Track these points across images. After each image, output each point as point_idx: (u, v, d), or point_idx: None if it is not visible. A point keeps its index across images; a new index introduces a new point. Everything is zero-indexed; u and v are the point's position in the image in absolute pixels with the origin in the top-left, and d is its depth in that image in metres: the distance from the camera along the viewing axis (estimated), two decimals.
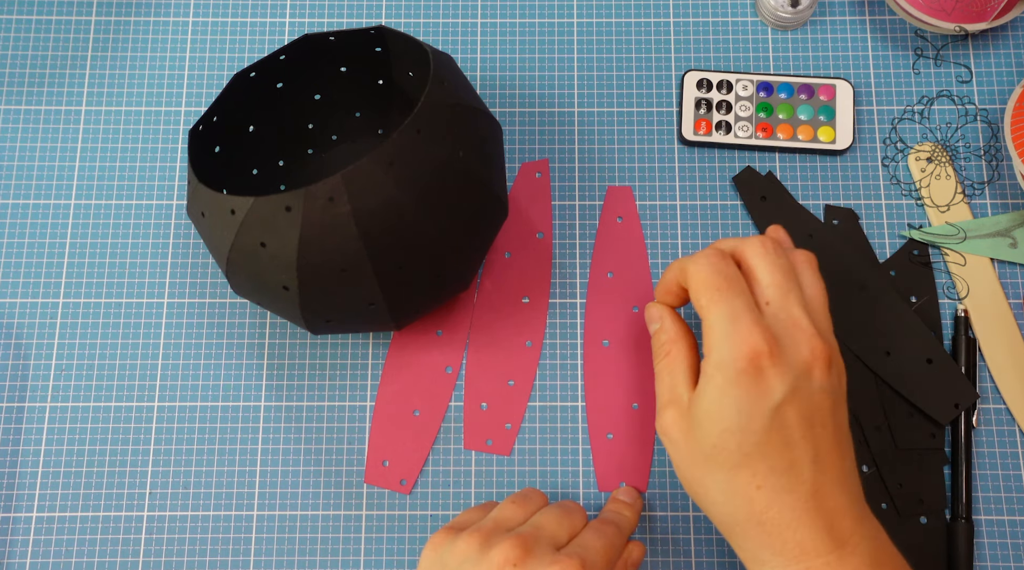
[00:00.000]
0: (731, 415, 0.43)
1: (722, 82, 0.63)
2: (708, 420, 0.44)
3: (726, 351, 0.44)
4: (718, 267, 0.46)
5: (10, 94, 0.64)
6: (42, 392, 0.59)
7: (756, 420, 0.43)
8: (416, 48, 0.57)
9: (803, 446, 0.43)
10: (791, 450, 0.43)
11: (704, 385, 0.44)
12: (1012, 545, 0.56)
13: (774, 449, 0.43)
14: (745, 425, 0.43)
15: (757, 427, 0.43)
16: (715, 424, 0.44)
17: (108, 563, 0.57)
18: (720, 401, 0.43)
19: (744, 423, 0.43)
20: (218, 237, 0.50)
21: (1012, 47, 0.65)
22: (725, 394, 0.43)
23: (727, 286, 0.45)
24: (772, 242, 0.48)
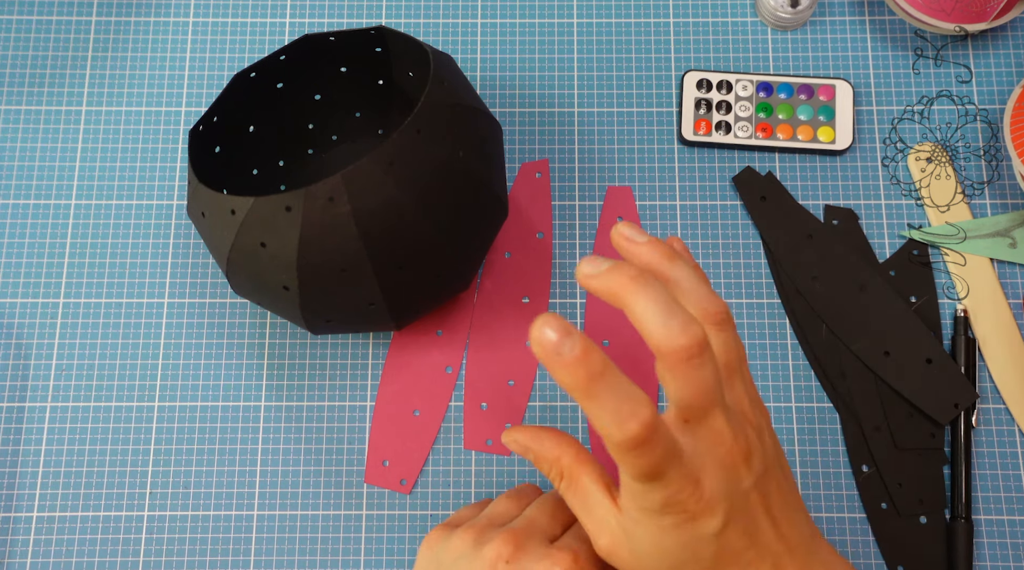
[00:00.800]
0: (675, 552, 0.40)
1: (722, 82, 0.63)
2: (652, 558, 0.41)
3: (647, 502, 0.39)
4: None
5: (10, 94, 0.64)
6: (42, 392, 0.59)
7: (703, 549, 0.40)
8: (416, 48, 0.57)
9: (755, 549, 0.41)
10: (746, 555, 0.41)
11: (635, 528, 0.40)
12: (1012, 545, 0.56)
13: (731, 560, 0.41)
14: (692, 556, 0.40)
15: (706, 554, 0.40)
16: (661, 562, 0.41)
17: (108, 563, 0.57)
18: (660, 545, 0.40)
19: (691, 555, 0.40)
20: (218, 237, 0.50)
21: (1012, 47, 0.65)
22: (662, 539, 0.40)
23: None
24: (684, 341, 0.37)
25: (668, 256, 0.41)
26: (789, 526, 0.41)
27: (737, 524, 0.40)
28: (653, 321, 0.36)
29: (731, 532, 0.40)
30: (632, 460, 0.36)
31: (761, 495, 0.41)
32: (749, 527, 0.41)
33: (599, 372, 0.36)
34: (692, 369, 0.36)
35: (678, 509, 0.38)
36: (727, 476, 0.39)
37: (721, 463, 0.39)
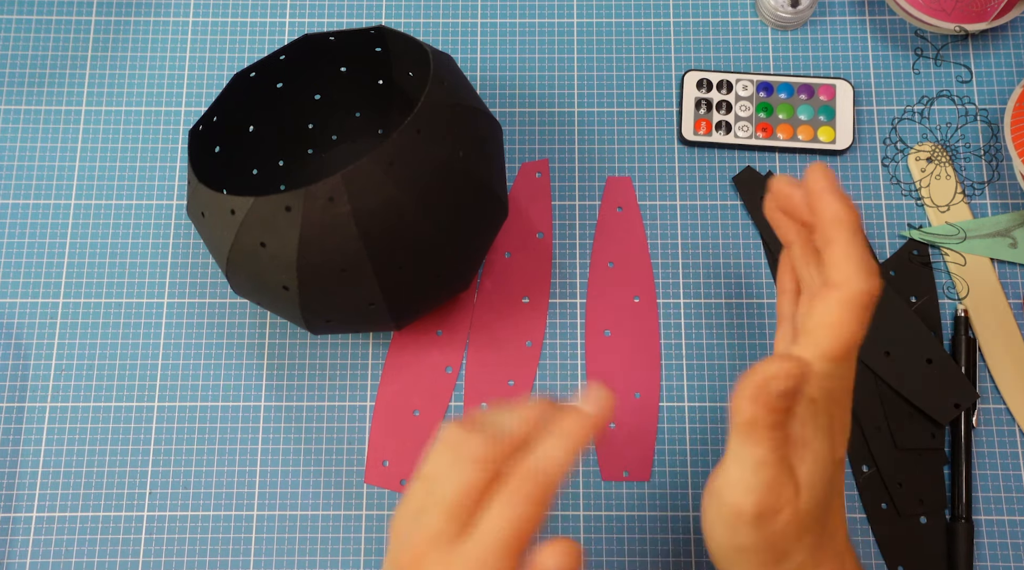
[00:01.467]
0: (830, 471, 0.41)
1: (722, 82, 0.63)
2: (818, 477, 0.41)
3: (829, 384, 0.40)
4: None
5: (10, 94, 0.64)
6: (42, 392, 0.59)
7: (832, 476, 0.41)
8: (416, 48, 0.57)
9: (831, 516, 0.42)
10: (830, 520, 0.41)
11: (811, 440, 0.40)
12: (1012, 545, 0.56)
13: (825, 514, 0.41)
14: (831, 484, 0.41)
15: (830, 488, 0.41)
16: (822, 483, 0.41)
17: (108, 563, 0.57)
18: (824, 461, 0.41)
19: (830, 482, 0.41)
20: (218, 237, 0.50)
21: (1012, 47, 0.65)
22: (824, 451, 0.40)
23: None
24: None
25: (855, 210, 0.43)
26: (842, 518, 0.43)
27: (838, 476, 0.41)
28: (856, 262, 0.39)
29: (837, 478, 0.41)
30: (856, 317, 0.38)
31: (841, 477, 0.42)
32: (836, 495, 0.41)
33: (860, 222, 0.40)
34: (865, 313, 0.39)
35: (839, 411, 0.40)
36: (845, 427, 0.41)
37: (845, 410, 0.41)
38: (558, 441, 0.37)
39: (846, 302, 0.38)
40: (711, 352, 0.60)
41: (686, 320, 0.60)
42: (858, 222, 0.40)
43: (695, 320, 0.60)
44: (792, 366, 0.36)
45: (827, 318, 0.38)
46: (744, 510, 0.38)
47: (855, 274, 0.38)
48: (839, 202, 0.40)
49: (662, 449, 0.58)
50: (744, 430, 0.38)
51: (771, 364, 0.36)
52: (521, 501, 0.35)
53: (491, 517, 0.35)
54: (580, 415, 0.38)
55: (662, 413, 0.59)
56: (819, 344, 0.39)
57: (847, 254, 0.39)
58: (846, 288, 0.38)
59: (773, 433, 0.37)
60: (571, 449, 0.37)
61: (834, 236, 0.39)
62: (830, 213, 0.40)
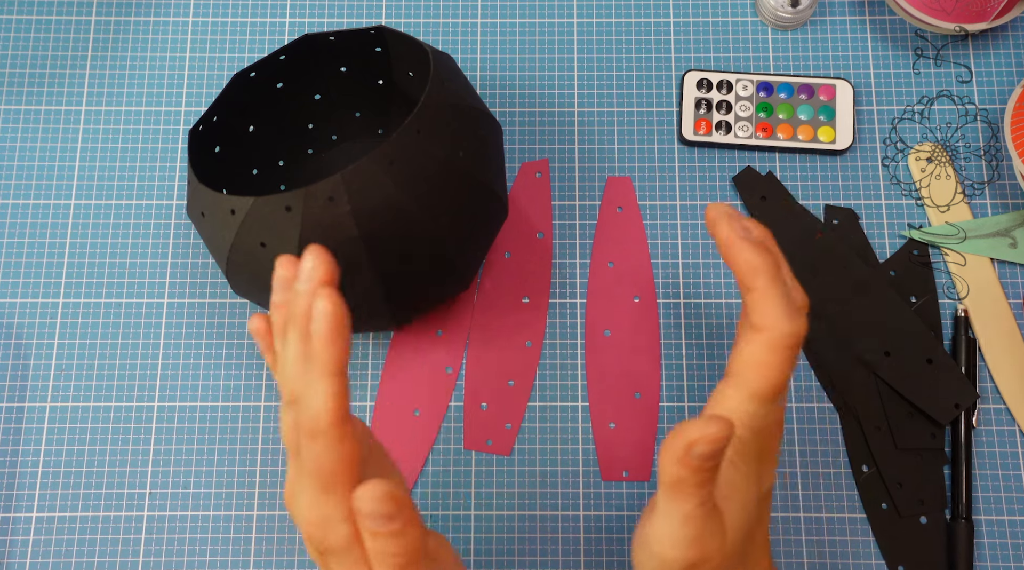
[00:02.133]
0: (753, 506, 0.41)
1: (722, 82, 0.63)
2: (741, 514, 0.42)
3: (759, 423, 0.41)
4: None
5: (10, 94, 0.64)
6: (42, 392, 0.59)
7: (758, 510, 0.42)
8: (416, 48, 0.57)
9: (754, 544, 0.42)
10: (752, 546, 0.42)
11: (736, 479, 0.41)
12: (1012, 545, 0.56)
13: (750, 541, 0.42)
14: (756, 516, 0.42)
15: (755, 519, 0.41)
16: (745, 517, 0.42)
17: (108, 563, 0.57)
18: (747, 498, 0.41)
19: (755, 514, 0.42)
20: (218, 237, 0.50)
21: (1012, 47, 0.65)
22: (748, 489, 0.41)
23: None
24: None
25: (773, 242, 0.43)
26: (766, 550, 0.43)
27: (764, 507, 0.41)
28: (778, 305, 0.39)
29: (763, 509, 0.41)
30: (782, 358, 0.39)
31: (767, 507, 0.42)
32: (759, 524, 0.41)
33: (780, 262, 0.40)
34: (791, 353, 0.39)
35: (768, 446, 0.40)
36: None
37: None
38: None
39: (772, 345, 0.39)
40: (711, 352, 0.60)
41: (686, 320, 0.60)
42: (774, 264, 0.40)
43: (695, 320, 0.60)
44: (715, 430, 0.36)
45: (754, 360, 0.39)
46: (673, 562, 0.39)
47: (778, 318, 0.39)
48: (750, 251, 0.40)
49: None
50: (671, 489, 0.38)
51: (695, 427, 0.36)
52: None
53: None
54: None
55: (662, 413, 0.59)
56: (748, 385, 0.39)
57: (767, 299, 0.39)
58: (770, 332, 0.39)
59: (700, 490, 0.38)
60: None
61: (752, 284, 0.40)
62: (742, 263, 0.40)
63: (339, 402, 0.36)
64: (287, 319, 0.39)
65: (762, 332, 0.39)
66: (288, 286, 0.41)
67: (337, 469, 0.36)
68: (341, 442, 0.36)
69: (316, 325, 0.36)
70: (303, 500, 0.38)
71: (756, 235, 0.41)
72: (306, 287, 0.37)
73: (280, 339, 0.41)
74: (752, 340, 0.39)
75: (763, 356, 0.39)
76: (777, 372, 0.39)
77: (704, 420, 0.36)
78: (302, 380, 0.37)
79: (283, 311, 0.41)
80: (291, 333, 0.38)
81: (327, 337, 0.36)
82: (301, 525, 0.39)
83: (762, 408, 0.39)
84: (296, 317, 0.38)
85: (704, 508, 0.38)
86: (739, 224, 0.41)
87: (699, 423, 0.36)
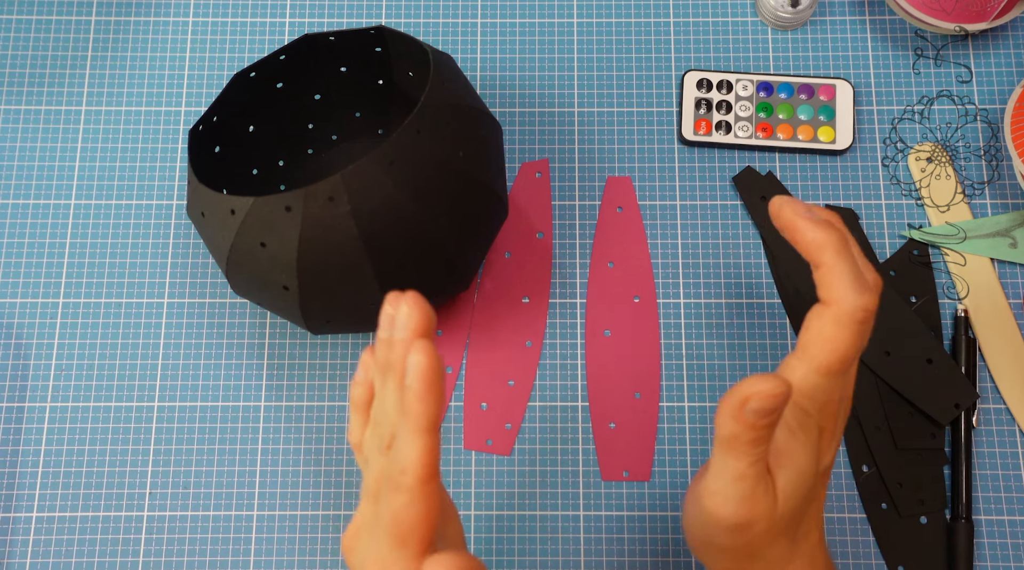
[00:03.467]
0: (809, 479, 0.42)
1: (722, 82, 0.63)
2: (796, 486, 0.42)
3: (821, 397, 0.41)
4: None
5: (10, 94, 0.64)
6: (42, 392, 0.59)
7: (813, 483, 0.42)
8: (416, 48, 0.57)
9: (809, 524, 0.43)
10: (804, 525, 0.43)
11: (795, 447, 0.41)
12: (1012, 545, 0.56)
13: (801, 518, 0.42)
14: (811, 492, 0.42)
15: (810, 494, 0.42)
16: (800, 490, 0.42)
17: (108, 563, 0.57)
18: (804, 469, 0.42)
19: (810, 491, 0.42)
20: (218, 237, 0.50)
21: (1012, 47, 0.65)
22: (807, 461, 0.41)
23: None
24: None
25: (842, 224, 0.43)
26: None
27: (820, 485, 0.42)
28: (846, 279, 0.39)
29: (819, 487, 0.41)
30: (851, 332, 0.39)
31: (823, 485, 0.42)
32: (815, 501, 0.42)
33: (845, 239, 0.40)
34: (861, 327, 0.39)
35: (829, 423, 0.40)
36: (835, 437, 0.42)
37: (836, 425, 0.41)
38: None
39: (839, 319, 0.39)
40: (711, 352, 0.60)
41: (686, 320, 0.60)
42: (840, 239, 0.40)
43: (695, 320, 0.60)
44: (771, 387, 0.36)
45: (821, 334, 0.39)
46: (721, 519, 0.39)
47: (847, 292, 0.39)
48: (814, 228, 0.40)
49: (662, 449, 0.58)
50: (725, 444, 0.38)
51: (752, 383, 0.37)
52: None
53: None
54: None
55: (662, 413, 0.59)
56: (814, 358, 0.39)
57: (835, 274, 0.39)
58: (838, 306, 0.39)
59: (753, 448, 0.38)
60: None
61: (819, 260, 0.40)
62: (809, 241, 0.40)
63: (430, 459, 0.35)
64: (386, 363, 0.38)
65: (830, 306, 0.39)
66: (392, 325, 0.40)
67: (416, 527, 0.36)
68: (425, 500, 0.36)
69: (410, 380, 0.35)
70: (371, 549, 0.37)
71: (820, 213, 0.42)
72: (402, 336, 0.36)
73: (379, 378, 0.39)
74: (821, 314, 0.39)
75: (830, 330, 0.39)
76: (844, 346, 0.39)
77: (762, 377, 0.36)
78: (389, 429, 0.37)
79: (384, 350, 0.39)
80: (390, 381, 0.38)
81: (420, 394, 0.35)
82: (359, 563, 0.38)
83: (826, 382, 0.39)
84: (393, 365, 0.37)
85: (756, 468, 0.38)
86: (802, 205, 0.41)
87: (755, 379, 0.36)
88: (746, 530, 0.39)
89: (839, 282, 0.39)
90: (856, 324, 0.39)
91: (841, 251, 0.39)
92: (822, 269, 0.39)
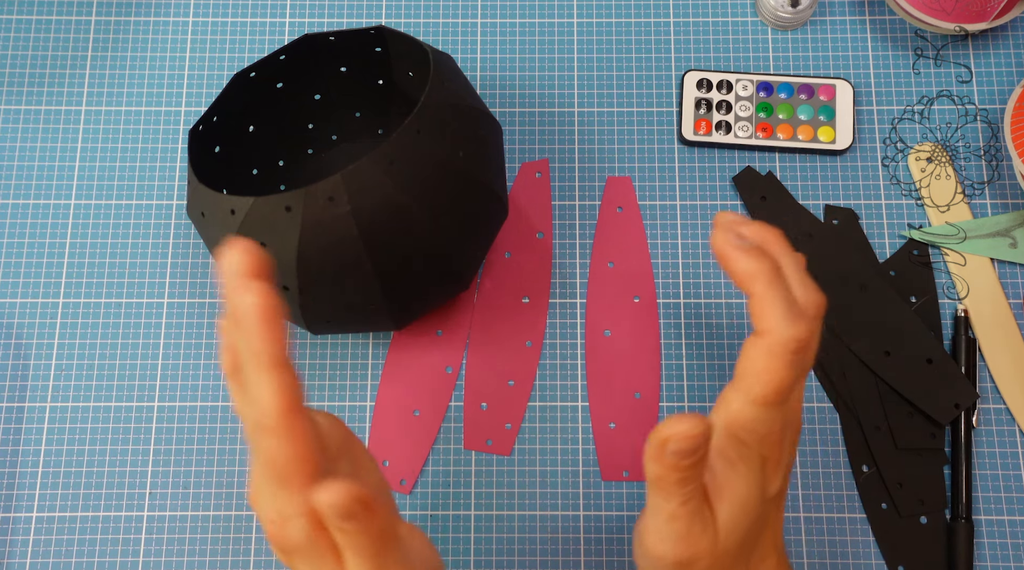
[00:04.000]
0: (754, 509, 0.41)
1: (722, 82, 0.63)
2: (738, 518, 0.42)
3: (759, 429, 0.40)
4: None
5: (10, 94, 0.64)
6: (42, 392, 0.59)
7: (760, 512, 0.41)
8: (416, 48, 0.57)
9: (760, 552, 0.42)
10: (756, 552, 0.42)
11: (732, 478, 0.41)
12: (1012, 545, 0.56)
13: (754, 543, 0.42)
14: (757, 521, 0.42)
15: (757, 522, 0.41)
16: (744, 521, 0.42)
17: (108, 563, 0.57)
18: (747, 499, 0.41)
19: (756, 520, 0.42)
20: (218, 237, 0.50)
21: (1012, 47, 0.65)
22: (749, 492, 0.41)
23: None
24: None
25: (781, 243, 0.42)
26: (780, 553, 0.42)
27: (771, 511, 0.41)
28: (776, 309, 0.38)
29: (770, 513, 0.41)
30: (783, 363, 0.38)
31: (777, 510, 0.41)
32: (767, 528, 0.41)
33: (777, 267, 0.39)
34: (795, 358, 0.38)
35: (772, 451, 0.39)
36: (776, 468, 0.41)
37: (771, 456, 0.40)
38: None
39: (772, 349, 0.38)
40: (711, 352, 0.60)
41: (686, 320, 0.60)
42: (770, 268, 0.39)
43: (695, 320, 0.60)
44: (687, 428, 0.36)
45: (755, 365, 0.38)
46: (661, 558, 0.39)
47: (778, 322, 0.38)
48: (744, 258, 0.39)
49: None
50: (654, 485, 0.38)
51: (671, 424, 0.36)
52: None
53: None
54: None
55: (662, 413, 0.59)
56: (750, 390, 0.38)
57: (766, 303, 0.38)
58: (771, 336, 0.38)
59: (680, 488, 0.37)
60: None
61: (750, 290, 0.39)
62: (739, 272, 0.39)
63: (284, 395, 0.35)
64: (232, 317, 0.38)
65: (763, 336, 0.38)
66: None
67: (291, 464, 0.35)
68: (292, 436, 0.35)
69: (244, 321, 0.34)
70: (265, 495, 0.37)
71: (752, 238, 0.41)
72: (233, 282, 0.35)
73: (225, 336, 0.39)
74: (754, 344, 0.38)
75: (764, 361, 0.38)
76: (777, 377, 0.38)
77: (678, 418, 0.36)
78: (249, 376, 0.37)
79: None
80: (236, 331, 0.37)
81: (256, 330, 0.34)
82: (263, 524, 0.38)
83: (764, 412, 0.38)
84: (231, 315, 0.37)
85: (688, 507, 0.38)
86: (732, 232, 0.40)
87: (675, 420, 0.36)
88: (689, 567, 0.39)
89: (770, 312, 0.38)
90: (789, 355, 0.38)
91: (771, 281, 0.39)
92: (753, 299, 0.39)
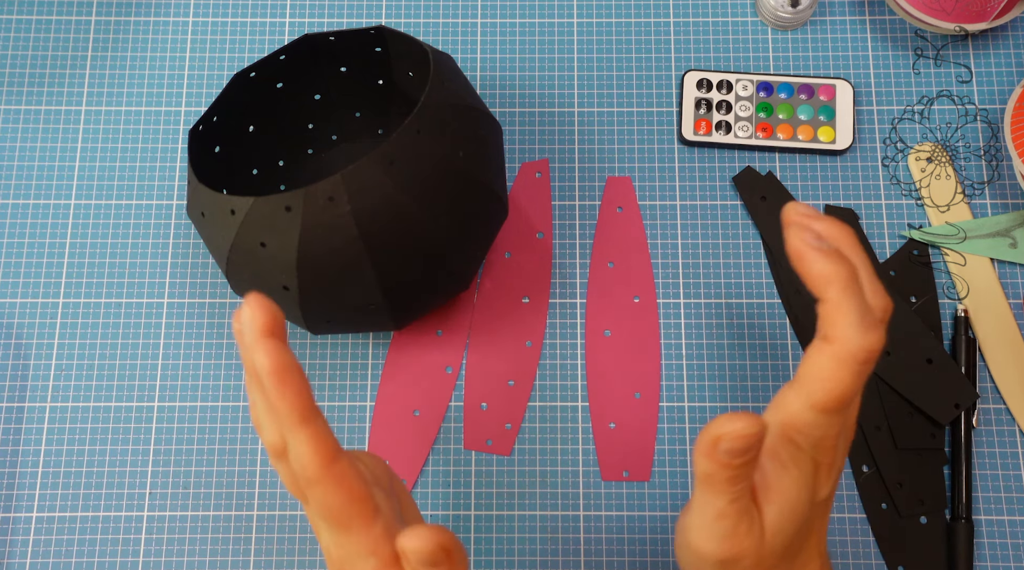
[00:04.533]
0: (802, 511, 0.41)
1: (722, 82, 0.63)
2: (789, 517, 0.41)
3: (818, 433, 0.39)
4: None
5: (10, 94, 0.64)
6: (42, 392, 0.59)
7: (808, 514, 0.41)
8: (416, 48, 0.57)
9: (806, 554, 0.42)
10: (803, 553, 0.42)
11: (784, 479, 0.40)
12: (1012, 545, 0.56)
13: (801, 546, 0.42)
14: (805, 524, 0.41)
15: (804, 525, 0.41)
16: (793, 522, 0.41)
17: (108, 563, 0.57)
18: (798, 500, 0.41)
19: (804, 522, 0.41)
20: (218, 237, 0.50)
21: (1012, 47, 0.65)
22: (800, 493, 0.40)
23: None
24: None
25: (854, 244, 0.41)
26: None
27: (817, 516, 0.40)
28: (850, 318, 0.37)
29: (816, 518, 0.40)
30: (849, 372, 0.37)
31: (823, 515, 0.41)
32: (813, 533, 0.41)
33: (854, 272, 0.37)
34: (861, 368, 0.37)
35: (825, 457, 0.39)
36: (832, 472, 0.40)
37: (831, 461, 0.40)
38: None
39: (840, 357, 0.37)
40: (711, 352, 0.60)
41: (686, 320, 0.60)
42: (848, 274, 0.37)
43: (695, 320, 0.60)
44: (741, 427, 0.35)
45: (820, 371, 0.37)
46: (706, 555, 0.39)
47: (850, 331, 0.37)
48: (822, 260, 0.37)
49: (662, 449, 0.58)
50: (703, 482, 0.37)
51: (724, 422, 0.35)
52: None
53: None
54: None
55: (662, 413, 0.59)
56: (811, 395, 0.38)
57: (840, 311, 0.37)
58: (840, 345, 0.37)
59: (731, 486, 0.37)
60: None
61: (824, 295, 0.38)
62: (816, 273, 0.38)
63: (321, 446, 0.36)
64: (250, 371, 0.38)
65: (832, 344, 0.37)
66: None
67: (346, 508, 0.36)
68: (341, 482, 0.36)
69: (264, 382, 0.35)
70: (326, 543, 0.38)
71: (829, 237, 0.39)
72: (249, 340, 0.36)
73: (249, 390, 0.39)
74: (821, 350, 0.37)
75: (829, 369, 0.37)
76: (842, 386, 0.37)
77: (734, 416, 0.35)
78: (276, 432, 0.37)
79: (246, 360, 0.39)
80: (253, 386, 0.38)
81: (276, 391, 0.35)
82: (331, 567, 0.39)
83: (823, 419, 0.38)
84: (250, 372, 0.37)
85: (737, 505, 0.37)
86: (810, 231, 0.38)
87: (728, 418, 0.35)
88: (732, 565, 0.38)
89: (843, 320, 0.37)
90: (857, 364, 0.37)
91: (847, 287, 0.37)
92: (826, 305, 0.37)
